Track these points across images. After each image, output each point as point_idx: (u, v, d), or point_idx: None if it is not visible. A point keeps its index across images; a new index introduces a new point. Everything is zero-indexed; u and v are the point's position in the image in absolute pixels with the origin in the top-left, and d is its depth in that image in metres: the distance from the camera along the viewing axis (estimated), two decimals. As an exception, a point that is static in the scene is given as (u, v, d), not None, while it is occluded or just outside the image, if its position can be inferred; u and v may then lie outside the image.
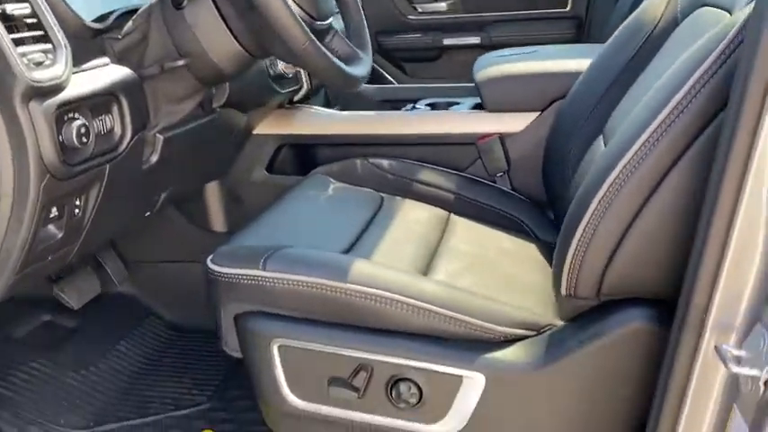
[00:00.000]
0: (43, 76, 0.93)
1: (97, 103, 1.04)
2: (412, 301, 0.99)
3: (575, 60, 1.51)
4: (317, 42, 1.06)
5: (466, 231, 1.36)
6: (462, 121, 1.56)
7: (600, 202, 0.89)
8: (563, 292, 0.95)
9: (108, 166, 1.09)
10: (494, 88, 1.52)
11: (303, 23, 1.03)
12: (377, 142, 1.61)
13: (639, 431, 0.94)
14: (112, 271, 1.68)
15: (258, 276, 1.02)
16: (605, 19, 2.47)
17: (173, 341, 1.65)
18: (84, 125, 0.99)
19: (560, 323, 1.01)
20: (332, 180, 1.51)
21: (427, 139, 1.58)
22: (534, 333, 1.01)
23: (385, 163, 1.54)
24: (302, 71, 1.68)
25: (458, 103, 1.83)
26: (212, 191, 1.72)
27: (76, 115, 0.99)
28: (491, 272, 1.20)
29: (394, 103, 1.98)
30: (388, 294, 1.00)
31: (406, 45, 2.75)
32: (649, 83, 1.14)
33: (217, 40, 1.14)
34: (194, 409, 1.40)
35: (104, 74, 1.08)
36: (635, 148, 0.86)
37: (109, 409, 1.41)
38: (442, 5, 2.69)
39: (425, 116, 1.63)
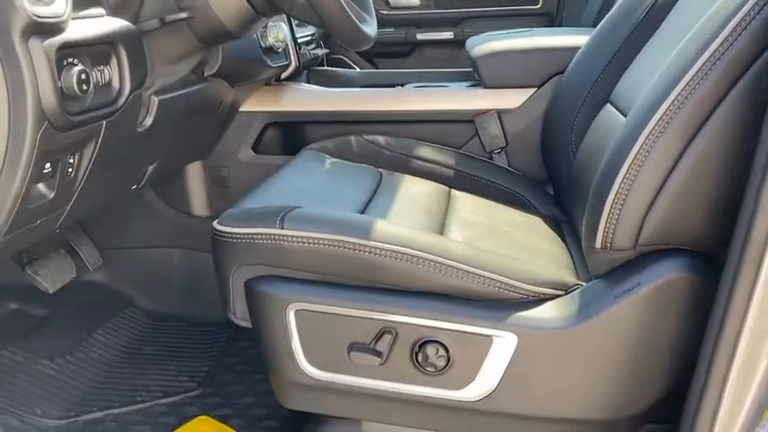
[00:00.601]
0: (45, 11, 0.85)
1: (96, 51, 0.96)
2: (440, 259, 0.95)
3: (572, 36, 1.50)
4: (335, -8, 1.01)
5: (471, 204, 1.33)
6: (459, 98, 1.54)
7: (640, 148, 0.87)
8: (597, 245, 0.92)
9: (105, 122, 1.01)
10: (491, 64, 1.51)
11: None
12: (370, 119, 1.56)
13: (678, 384, 0.91)
14: (86, 257, 1.57)
15: (275, 235, 0.96)
16: (576, 16, 2.51)
17: (153, 330, 1.55)
18: (84, 71, 0.91)
19: (589, 282, 0.98)
20: (327, 156, 1.45)
21: (423, 117, 1.54)
22: (563, 292, 0.98)
23: (381, 139, 1.49)
24: (290, 47, 1.62)
25: (446, 86, 1.80)
26: (194, 172, 1.64)
27: (76, 61, 0.91)
28: (506, 239, 1.17)
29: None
30: (415, 252, 0.95)
31: (378, 40, 2.71)
32: (665, 44, 1.14)
33: None
34: (185, 396, 1.30)
35: (103, 23, 1.00)
36: (675, 92, 0.85)
37: (90, 399, 1.30)
38: (415, 1, 2.69)
39: (421, 93, 1.60)
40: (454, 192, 1.38)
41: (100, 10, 1.04)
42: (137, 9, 1.10)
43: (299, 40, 1.71)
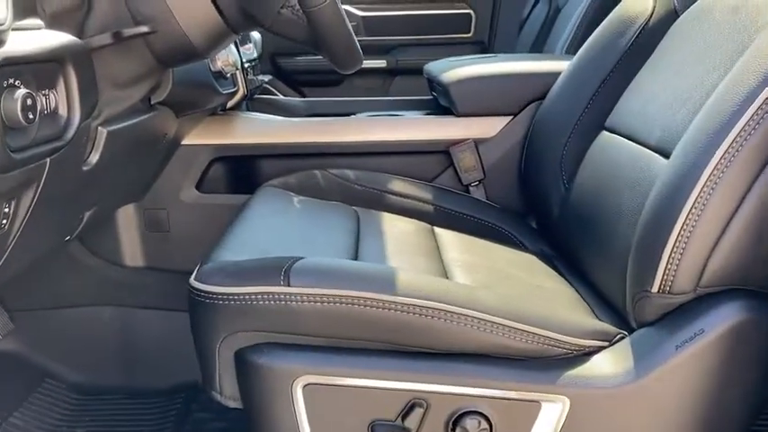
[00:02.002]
0: (-20, 16, 0.65)
1: (42, 71, 0.76)
2: (478, 314, 0.81)
3: (548, 62, 1.43)
4: None
5: (458, 242, 1.20)
6: (432, 127, 1.42)
7: (702, 188, 0.79)
8: (654, 289, 0.82)
9: (48, 160, 0.80)
10: (465, 90, 1.40)
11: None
12: (333, 152, 1.41)
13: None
14: (-7, 322, 1.29)
15: (282, 294, 0.78)
16: (510, 44, 2.49)
17: (84, 408, 1.29)
18: (30, 96, 0.71)
19: (638, 331, 0.87)
20: (292, 193, 1.28)
21: (392, 148, 1.41)
22: (607, 343, 0.87)
23: (351, 174, 1.34)
24: (238, 73, 1.44)
25: (403, 115, 1.69)
26: (126, 215, 1.41)
27: (19, 82, 0.71)
28: (516, 283, 1.05)
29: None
30: (450, 307, 0.80)
31: (305, 67, 2.58)
32: (673, 71, 1.08)
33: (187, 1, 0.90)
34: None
35: (47, 36, 0.79)
36: (734, 132, 0.78)
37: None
38: (344, 27, 2.57)
39: (389, 122, 1.46)
40: (437, 229, 1.25)
41: (37, 21, 0.84)
42: (81, 21, 0.89)
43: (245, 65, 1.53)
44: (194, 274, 0.85)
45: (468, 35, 2.59)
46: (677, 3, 1.18)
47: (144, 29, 0.89)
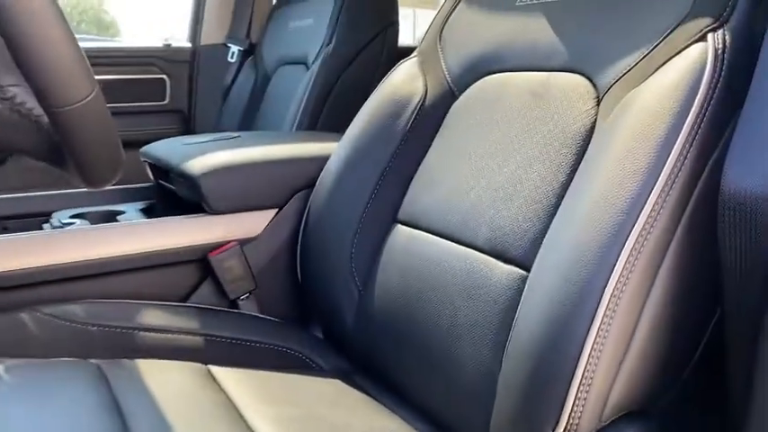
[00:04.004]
0: None
1: None
2: None
3: (311, 144, 1.23)
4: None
5: (250, 387, 0.92)
6: (183, 230, 1.10)
7: (605, 311, 0.67)
8: (559, 433, 0.67)
9: None
10: (220, 183, 1.12)
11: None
12: (40, 280, 1.00)
13: None
14: None
15: None
16: (213, 113, 2.26)
17: None
18: None
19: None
20: (-11, 357, 0.85)
21: (127, 263, 1.06)
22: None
23: (78, 310, 0.95)
24: None
25: (123, 212, 1.34)
26: None
27: None
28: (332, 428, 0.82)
29: (8, 223, 1.33)
30: None
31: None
32: (465, 165, 0.96)
33: None
34: None
35: None
36: (629, 245, 0.67)
37: None
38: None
39: (117, 229, 1.09)
40: (215, 370, 0.95)
41: None
42: None
43: None
44: None
45: (164, 102, 2.27)
46: (452, 83, 1.09)
47: None
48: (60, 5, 0.58)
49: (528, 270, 0.79)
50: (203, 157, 1.15)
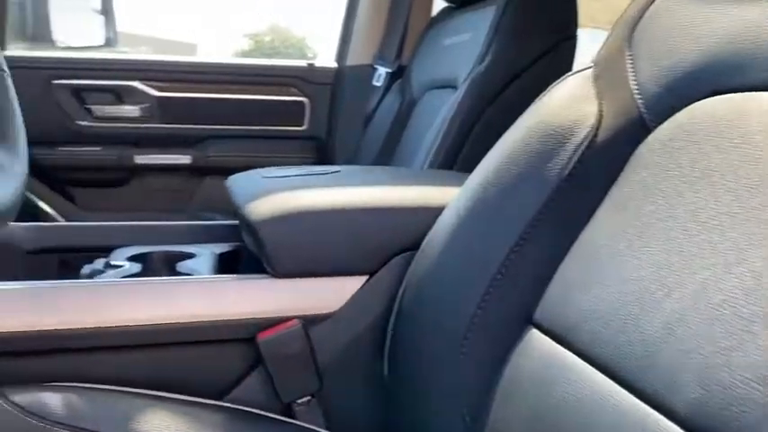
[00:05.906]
0: None
1: None
2: None
3: (425, 189, 0.88)
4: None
5: None
6: (225, 295, 0.79)
7: None
8: None
9: None
10: (286, 234, 0.80)
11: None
12: (21, 349, 0.73)
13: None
14: None
15: None
16: (353, 141, 1.99)
17: None
18: None
19: None
20: None
21: (141, 338, 0.76)
22: None
23: (56, 401, 0.67)
24: None
25: (193, 255, 1.06)
26: None
27: None
28: None
29: (64, 256, 1.12)
30: None
31: (76, 163, 1.87)
32: (659, 242, 0.55)
33: None
34: None
35: None
36: None
37: None
38: (134, 110, 1.90)
39: (141, 288, 0.80)
40: None
41: None
42: None
43: None
44: None
45: (301, 128, 2.04)
46: (645, 109, 0.68)
47: None
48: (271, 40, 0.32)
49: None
50: (272, 197, 0.83)
